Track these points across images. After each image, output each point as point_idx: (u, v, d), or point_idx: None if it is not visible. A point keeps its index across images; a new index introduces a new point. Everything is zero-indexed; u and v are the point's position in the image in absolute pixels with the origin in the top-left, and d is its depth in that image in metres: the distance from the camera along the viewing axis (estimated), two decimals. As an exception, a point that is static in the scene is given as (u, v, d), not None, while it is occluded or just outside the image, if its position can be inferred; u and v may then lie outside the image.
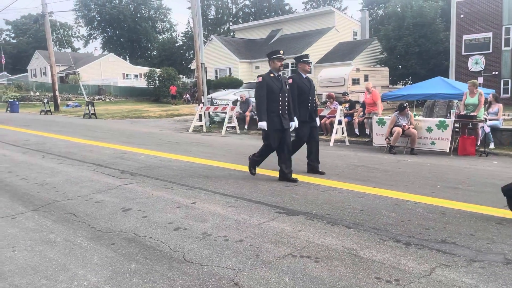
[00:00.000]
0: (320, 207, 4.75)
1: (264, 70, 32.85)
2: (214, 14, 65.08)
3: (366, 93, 11.91)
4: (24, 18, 69.25)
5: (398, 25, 27.15)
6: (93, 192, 5.51)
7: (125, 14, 62.02)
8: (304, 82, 6.71)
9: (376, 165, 7.77)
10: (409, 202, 4.98)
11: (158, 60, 58.45)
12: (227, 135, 13.40)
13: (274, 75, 6.09)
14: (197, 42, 17.16)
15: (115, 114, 22.47)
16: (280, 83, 6.08)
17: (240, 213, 4.55)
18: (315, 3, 62.58)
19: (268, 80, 6.03)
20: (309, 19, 36.02)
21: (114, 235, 3.89)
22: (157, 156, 8.62)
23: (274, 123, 6.02)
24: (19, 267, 3.24)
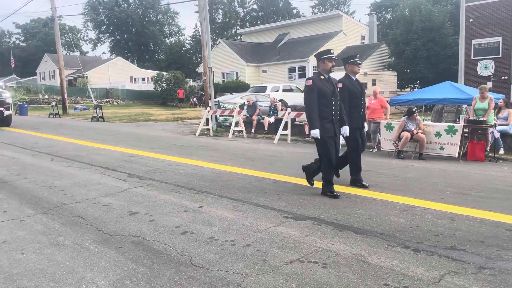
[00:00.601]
0: (328, 212, 4.73)
1: (271, 73, 33.00)
2: (222, 18, 65.33)
3: (372, 97, 11.31)
4: (34, 21, 69.97)
5: (407, 29, 27.05)
6: (101, 195, 5.53)
7: (133, 18, 62.49)
8: (354, 85, 6.17)
9: (384, 170, 7.72)
10: (418, 208, 4.94)
11: (166, 63, 58.73)
12: (234, 139, 13.41)
13: (325, 77, 5.56)
14: (204, 46, 17.22)
15: (123, 118, 22.59)
16: (332, 86, 5.56)
17: (247, 217, 4.53)
18: (323, 7, 62.61)
19: (319, 83, 5.49)
20: (316, 23, 36.03)
21: (122, 239, 3.90)
22: (164, 159, 8.64)
23: (328, 129, 5.44)
24: (27, 270, 3.26)
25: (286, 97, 21.94)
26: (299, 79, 31.12)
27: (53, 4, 25.41)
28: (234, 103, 16.61)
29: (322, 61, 5.59)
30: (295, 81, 30.48)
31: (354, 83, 6.19)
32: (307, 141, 12.56)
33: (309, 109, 5.51)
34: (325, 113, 5.46)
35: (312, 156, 7.04)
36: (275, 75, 32.39)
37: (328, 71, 5.59)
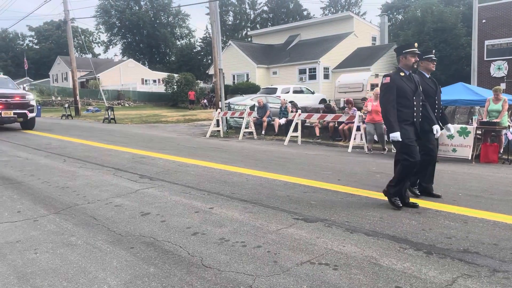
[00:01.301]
0: (338, 214, 4.71)
1: (282, 75, 32.99)
2: (232, 20, 65.54)
3: (372, 99, 10.93)
4: (47, 24, 71.00)
5: (418, 30, 26.89)
6: (112, 196, 5.58)
7: (145, 20, 62.99)
8: (428, 83, 5.63)
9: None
10: (430, 210, 4.89)
11: (177, 65, 59.10)
12: (244, 140, 13.43)
13: (405, 74, 4.99)
14: (215, 48, 17.28)
15: (134, 119, 22.76)
16: (414, 84, 4.99)
17: (258, 219, 4.53)
18: (334, 9, 62.44)
19: (398, 81, 4.92)
20: (327, 24, 35.95)
21: (133, 239, 3.93)
22: (175, 160, 8.68)
23: (408, 132, 4.88)
24: (40, 269, 3.30)
25: (297, 99, 21.94)
26: (309, 81, 31.08)
27: (66, 7, 25.75)
28: (245, 104, 16.64)
29: (403, 55, 5.03)
30: (306, 83, 30.45)
31: (428, 81, 5.66)
32: (317, 143, 12.53)
33: (386, 110, 4.95)
34: (405, 114, 4.90)
35: (322, 158, 7.02)
36: (285, 77, 32.38)
37: (410, 67, 5.02)
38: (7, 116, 14.26)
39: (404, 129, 4.86)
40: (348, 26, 33.91)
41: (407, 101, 4.92)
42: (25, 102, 14.84)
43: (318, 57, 31.04)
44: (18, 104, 14.54)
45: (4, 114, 14.13)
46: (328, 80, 31.36)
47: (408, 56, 4.99)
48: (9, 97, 14.39)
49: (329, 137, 12.88)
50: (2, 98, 14.10)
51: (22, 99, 14.77)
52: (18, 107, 14.49)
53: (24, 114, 14.68)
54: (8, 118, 14.37)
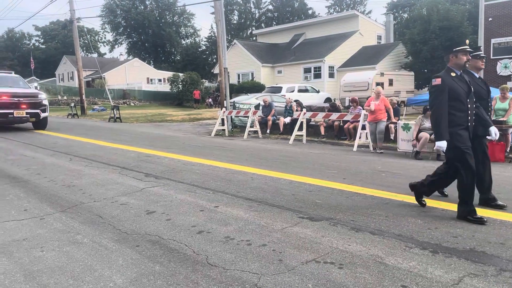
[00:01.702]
0: (344, 212, 4.70)
1: (286, 74, 32.96)
2: (237, 19, 65.55)
3: (373, 98, 10.79)
4: (53, 24, 71.37)
5: (424, 28, 26.70)
6: (118, 195, 5.60)
7: (150, 19, 63.15)
8: (479, 84, 5.15)
9: (401, 171, 7.63)
10: (436, 209, 4.87)
11: (182, 64, 59.21)
12: (249, 139, 13.43)
13: (457, 75, 4.55)
14: (220, 47, 17.30)
15: (140, 118, 22.83)
16: (466, 85, 4.54)
17: (263, 217, 4.54)
18: (339, 7, 62.27)
19: (450, 82, 4.47)
20: (332, 23, 35.86)
21: (139, 237, 3.94)
22: (180, 159, 8.70)
23: (464, 139, 4.42)
24: (47, 267, 3.32)
25: (302, 98, 21.91)
26: (314, 80, 31.02)
27: (72, 6, 25.86)
28: (250, 103, 16.63)
29: (454, 54, 4.60)
30: (311, 82, 30.40)
31: (478, 81, 5.17)
32: (322, 142, 12.51)
33: (438, 115, 4.47)
34: (459, 118, 4.44)
35: (328, 157, 7.00)
36: (290, 76, 32.34)
37: (461, 67, 4.59)
38: (19, 116, 13.94)
39: (459, 135, 4.42)
40: (353, 25, 33.80)
41: (461, 104, 4.46)
42: (38, 101, 14.50)
43: (323, 56, 30.98)
44: (31, 104, 14.21)
45: (16, 114, 13.79)
46: (333, 79, 31.29)
47: (459, 54, 4.57)
48: (22, 96, 14.08)
49: (334, 136, 12.85)
50: (14, 98, 13.81)
51: (34, 98, 14.45)
52: (30, 106, 14.17)
53: (37, 114, 14.34)
54: (21, 118, 14.06)
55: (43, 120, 14.90)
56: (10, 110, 13.63)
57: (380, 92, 10.82)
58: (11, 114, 13.66)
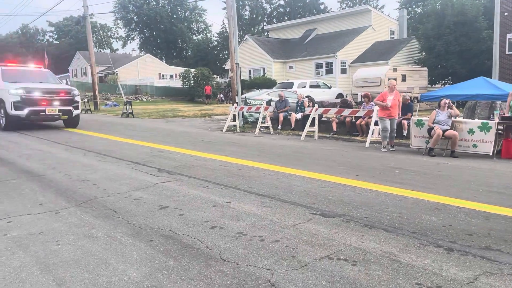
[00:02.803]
0: (357, 209, 4.67)
1: (298, 69, 32.82)
2: (249, 15, 65.36)
3: (386, 92, 10.12)
4: (66, 20, 71.94)
5: (438, 23, 26.31)
6: (131, 189, 5.65)
7: (162, 15, 63.33)
8: None
9: (414, 167, 7.56)
10: (450, 207, 4.81)
11: (193, 60, 59.31)
12: (261, 135, 13.42)
13: None
14: (232, 43, 17.28)
15: (152, 113, 22.97)
16: None
17: (275, 213, 4.53)
18: (351, 2, 61.69)
19: None
20: (344, 18, 35.55)
21: (152, 232, 3.98)
22: (193, 155, 8.74)
23: None
24: (62, 261, 3.36)
25: (313, 93, 21.80)
26: (326, 75, 30.84)
27: (85, 2, 26.04)
28: (261, 99, 16.61)
29: None
30: (322, 77, 30.23)
31: None
32: (334, 138, 12.44)
33: None
34: None
35: (339, 153, 6.97)
36: (302, 71, 32.19)
37: None
38: (51, 114, 13.03)
39: None
40: (365, 20, 33.46)
41: None
42: (71, 98, 13.58)
43: (335, 51, 30.75)
44: (63, 101, 13.32)
45: (48, 112, 12.89)
46: (345, 74, 31.06)
47: None
48: (54, 92, 13.20)
49: (346, 132, 12.78)
50: (46, 94, 12.92)
51: (67, 95, 13.49)
52: (63, 103, 13.28)
53: (69, 111, 13.48)
54: (52, 115, 13.17)
55: (75, 118, 14.10)
56: (42, 108, 12.80)
57: (395, 86, 10.29)
58: (43, 111, 12.81)
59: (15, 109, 12.59)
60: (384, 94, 10.20)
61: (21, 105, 12.55)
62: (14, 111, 12.61)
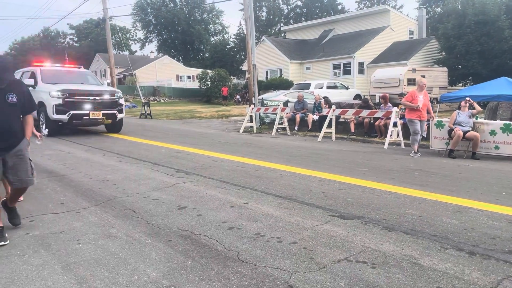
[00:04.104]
0: (376, 211, 4.62)
1: (315, 70, 32.67)
2: (266, 15, 65.37)
3: (416, 93, 9.35)
4: (86, 22, 73.19)
5: (458, 23, 25.84)
6: (150, 190, 5.71)
7: (180, 17, 63.88)
8: None
9: (434, 169, 7.44)
10: (472, 210, 4.72)
11: (210, 61, 59.62)
12: (278, 136, 13.40)
13: None
14: (249, 44, 17.31)
15: (169, 115, 23.17)
16: None
17: (293, 215, 4.52)
18: (369, 2, 61.11)
19: None
20: (362, 18, 35.23)
21: (171, 232, 4.01)
22: (210, 156, 8.78)
23: None
24: (83, 259, 3.41)
25: (331, 94, 21.66)
26: (344, 76, 30.61)
27: (105, 5, 26.45)
28: (278, 100, 16.59)
29: None
30: (340, 78, 30.01)
31: None
32: (352, 139, 12.33)
33: None
34: None
35: (358, 154, 6.91)
36: (319, 72, 32.02)
37: None
38: (95, 118, 11.99)
39: None
40: (384, 20, 33.09)
41: None
42: (115, 100, 12.49)
43: (352, 52, 30.50)
44: (108, 103, 12.25)
45: (92, 116, 11.87)
46: (363, 75, 30.77)
47: None
48: (98, 94, 12.15)
49: (364, 133, 12.66)
50: (89, 97, 11.88)
51: (112, 97, 12.46)
52: (107, 107, 12.21)
53: (113, 115, 12.39)
54: (96, 120, 12.13)
55: (119, 122, 13.07)
56: (85, 111, 11.77)
57: (425, 84, 9.52)
58: (86, 115, 11.78)
59: (57, 113, 11.58)
60: (413, 93, 9.41)
61: (64, 108, 11.56)
62: (56, 115, 11.61)
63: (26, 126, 4.07)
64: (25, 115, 4.08)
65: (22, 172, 3.98)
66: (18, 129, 3.98)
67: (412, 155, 9.09)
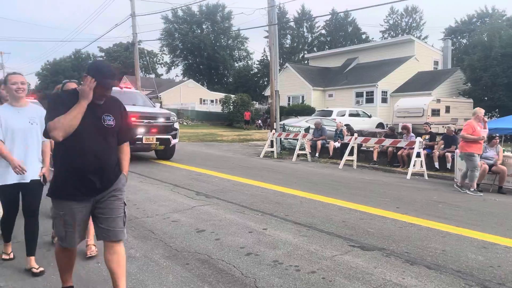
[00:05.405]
0: (398, 243, 4.51)
1: (337, 98, 32.70)
2: (290, 43, 66.30)
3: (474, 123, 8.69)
4: (116, 46, 75.66)
5: (485, 55, 25.62)
6: (170, 211, 5.74)
7: (206, 43, 65.40)
8: None
9: (459, 202, 7.25)
10: (498, 246, 4.55)
11: (234, 86, 60.48)
12: (298, 162, 13.35)
13: None
14: (272, 71, 17.52)
15: (192, 137, 23.43)
16: None
17: (312, 243, 4.45)
18: (394, 32, 61.36)
19: None
20: (387, 48, 35.30)
21: (189, 255, 4.00)
22: (230, 179, 8.79)
23: None
24: (101, 279, 3.44)
25: (353, 122, 21.57)
26: (366, 104, 30.50)
27: (134, 30, 27.36)
28: (299, 126, 16.60)
29: None
30: (362, 106, 29.90)
31: None
32: (374, 168, 12.17)
33: None
34: None
35: (379, 184, 6.81)
36: (341, 100, 32.02)
37: None
38: (148, 143, 10.79)
39: None
40: (408, 50, 33.08)
41: None
42: (169, 124, 11.44)
43: (376, 81, 30.46)
44: (162, 127, 11.16)
45: (145, 140, 10.65)
46: (386, 104, 30.60)
47: None
48: (152, 117, 11.05)
49: (387, 163, 12.48)
50: (143, 120, 10.72)
51: (166, 121, 11.39)
52: (161, 131, 11.08)
53: (167, 141, 11.23)
54: (149, 145, 10.94)
55: (172, 148, 12.00)
56: (139, 136, 10.49)
57: (483, 115, 9.00)
58: (139, 140, 10.48)
59: None
60: (472, 124, 8.66)
61: None
62: None
63: (122, 157, 3.03)
64: (122, 143, 3.03)
65: (114, 220, 2.91)
66: (115, 162, 2.96)
67: (471, 192, 8.38)
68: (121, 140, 3.00)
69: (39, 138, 3.67)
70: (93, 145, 2.75)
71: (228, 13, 64.84)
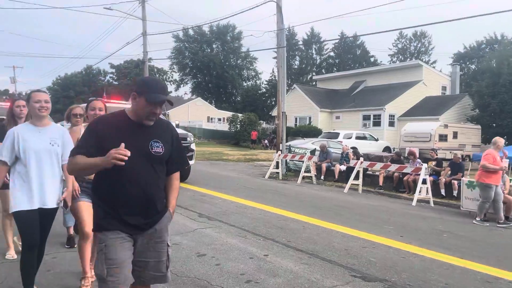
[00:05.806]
0: (399, 274, 4.45)
1: (344, 120, 32.73)
2: (298, 64, 66.88)
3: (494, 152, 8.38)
4: (127, 63, 76.78)
5: (493, 81, 25.63)
6: (171, 233, 5.64)
7: (215, 62, 66.18)
8: None
9: (464, 232, 7.15)
10: (502, 280, 4.47)
11: (241, 105, 60.83)
12: (303, 185, 13.30)
13: None
14: (279, 92, 17.65)
15: (197, 155, 23.44)
16: None
17: (313, 272, 4.40)
18: (402, 56, 61.71)
19: None
20: (395, 72, 35.47)
21: (188, 281, 3.97)
22: (233, 201, 8.77)
23: None
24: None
25: (359, 145, 21.56)
26: (373, 127, 30.47)
27: (145, 48, 27.82)
28: (305, 148, 16.60)
29: None
30: (369, 129, 29.88)
31: None
32: (379, 193, 12.08)
33: None
34: None
35: (384, 210, 6.75)
36: (348, 122, 32.05)
37: None
38: None
39: None
40: (416, 74, 33.19)
41: None
42: (186, 145, 10.86)
43: (383, 104, 30.51)
44: None
45: None
46: (393, 127, 30.55)
47: None
48: None
49: (392, 188, 12.39)
50: None
51: (183, 141, 10.56)
52: None
53: None
54: None
55: (187, 170, 11.50)
56: None
57: (502, 145, 8.72)
58: None
59: None
60: (493, 154, 8.33)
61: None
62: None
63: (170, 191, 2.64)
64: (171, 173, 2.63)
65: (156, 263, 2.54)
66: (161, 197, 2.54)
67: (477, 222, 8.22)
68: (170, 170, 2.60)
69: (59, 159, 3.41)
70: (138, 173, 2.36)
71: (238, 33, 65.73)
